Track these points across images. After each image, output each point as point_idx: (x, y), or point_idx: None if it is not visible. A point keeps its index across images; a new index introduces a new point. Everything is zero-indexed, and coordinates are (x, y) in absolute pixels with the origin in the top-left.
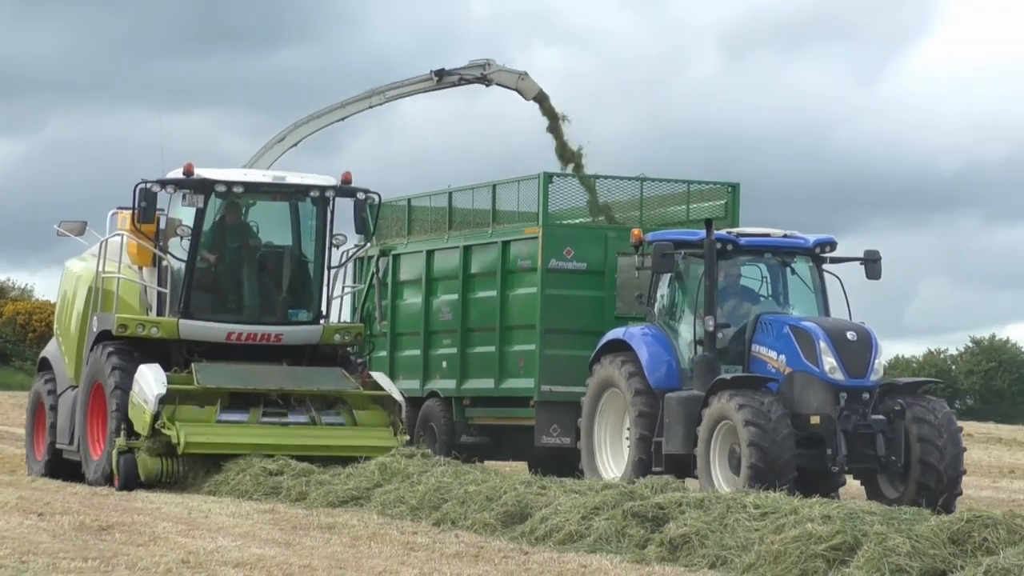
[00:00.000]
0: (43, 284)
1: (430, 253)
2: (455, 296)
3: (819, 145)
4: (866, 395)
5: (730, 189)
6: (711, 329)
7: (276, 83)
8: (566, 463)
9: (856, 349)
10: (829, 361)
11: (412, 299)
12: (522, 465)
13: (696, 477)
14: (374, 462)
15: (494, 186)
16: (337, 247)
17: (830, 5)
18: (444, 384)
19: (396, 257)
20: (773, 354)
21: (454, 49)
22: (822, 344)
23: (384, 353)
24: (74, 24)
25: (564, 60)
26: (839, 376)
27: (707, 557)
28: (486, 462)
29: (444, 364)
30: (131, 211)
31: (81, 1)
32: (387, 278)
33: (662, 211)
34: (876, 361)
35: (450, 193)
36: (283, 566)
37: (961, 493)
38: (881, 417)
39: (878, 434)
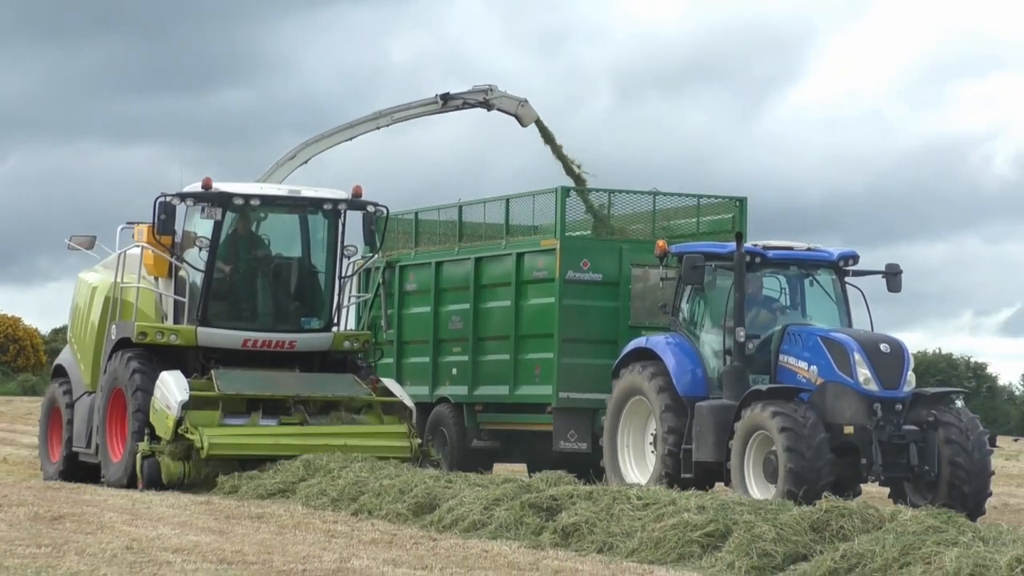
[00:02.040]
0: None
1: (439, 264)
2: (466, 306)
3: (701, 175)
4: (899, 406)
5: (738, 203)
6: (741, 340)
7: (218, 121)
8: (578, 466)
9: (889, 361)
10: (864, 372)
11: (419, 309)
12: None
13: (725, 483)
14: (300, 459)
15: (507, 200)
16: (348, 258)
17: (713, 52)
18: (455, 390)
19: (403, 268)
20: (803, 365)
21: (377, 90)
22: (857, 356)
23: (390, 360)
24: (35, 67)
25: None
26: (873, 387)
27: (595, 543)
28: (495, 465)
29: (454, 371)
30: (149, 224)
31: (42, 47)
32: (392, 288)
33: (674, 223)
34: (908, 373)
35: (460, 207)
36: (217, 551)
37: (991, 494)
38: (914, 427)
39: (911, 444)
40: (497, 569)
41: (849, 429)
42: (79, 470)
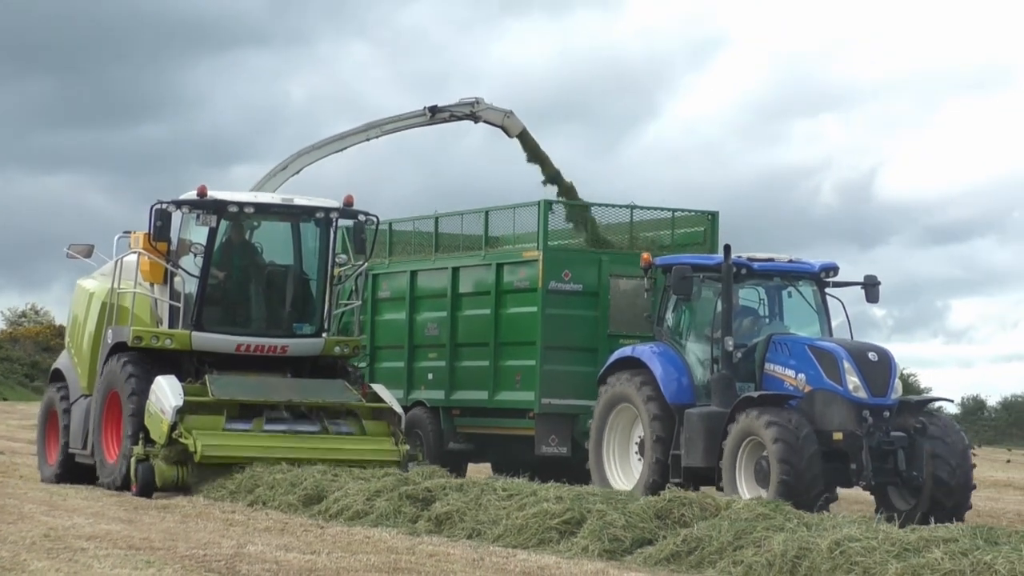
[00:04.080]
0: None
1: (414, 273)
2: (443, 313)
3: None
4: (886, 413)
5: (710, 217)
6: (730, 348)
7: (135, 152)
8: (558, 470)
9: (878, 369)
10: (853, 380)
11: (392, 315)
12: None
13: (715, 487)
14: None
15: (487, 212)
16: (340, 266)
17: (575, 92)
18: (431, 395)
19: (376, 276)
20: (791, 373)
21: (277, 126)
22: (846, 364)
23: (363, 364)
24: None
25: None
26: (863, 394)
27: (465, 530)
28: (470, 466)
29: (430, 376)
30: (146, 231)
31: None
32: (365, 295)
33: (650, 235)
34: (895, 380)
35: (436, 218)
36: (126, 539)
37: (971, 507)
38: (901, 434)
39: (899, 450)
40: (378, 553)
41: (838, 435)
42: (76, 472)
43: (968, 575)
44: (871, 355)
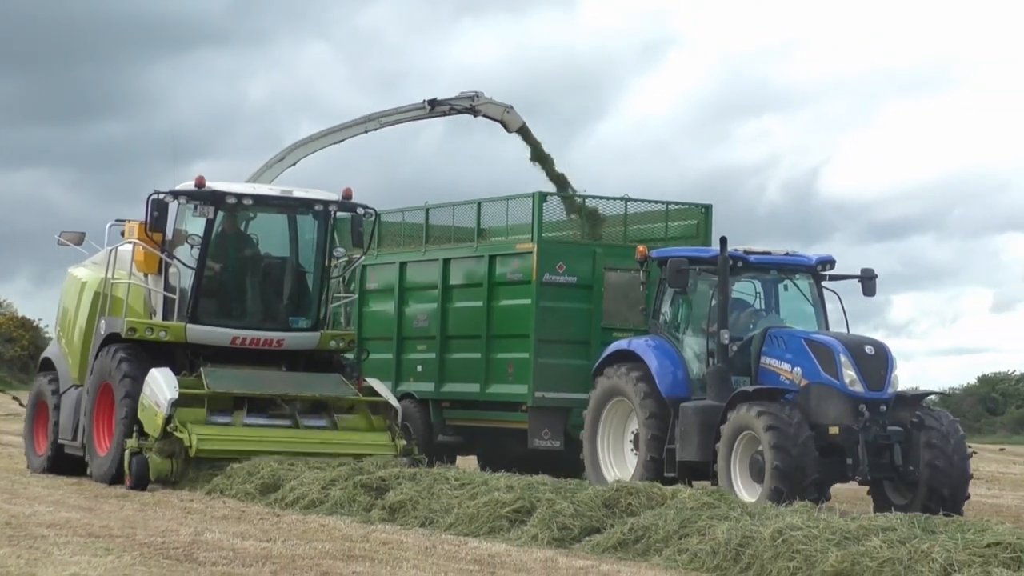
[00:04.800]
0: None
1: (403, 264)
2: (433, 305)
3: None
4: (883, 407)
5: (703, 210)
6: (726, 342)
7: (97, 149)
8: (549, 463)
9: (874, 363)
10: (849, 374)
11: (380, 307)
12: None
13: (710, 481)
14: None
15: (479, 203)
16: (338, 259)
17: (529, 91)
18: (421, 387)
19: (363, 267)
20: (786, 366)
21: (236, 125)
22: (843, 358)
23: (350, 355)
24: None
25: None
26: (859, 388)
27: (418, 518)
28: (458, 458)
29: (419, 368)
30: (140, 221)
31: None
32: (352, 286)
33: (644, 227)
34: (893, 374)
35: (427, 210)
36: (86, 526)
37: (969, 497)
38: (898, 428)
39: (896, 444)
40: (332, 541)
41: (834, 429)
42: (65, 463)
43: (905, 563)
44: (868, 349)
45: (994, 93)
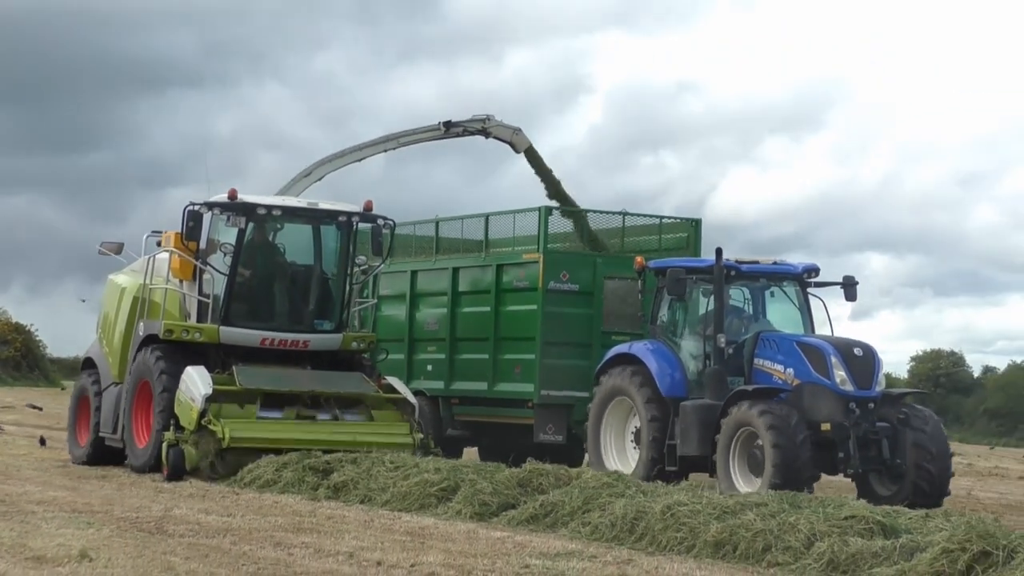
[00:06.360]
0: None
1: (415, 273)
2: (443, 310)
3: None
4: (871, 404)
5: (693, 224)
6: (722, 345)
7: (83, 176)
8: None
9: (863, 363)
10: (840, 374)
11: (392, 311)
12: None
13: (710, 475)
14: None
15: (487, 216)
16: (359, 266)
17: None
18: (431, 384)
19: (376, 276)
20: (779, 367)
21: (206, 154)
22: (834, 359)
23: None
24: None
25: (281, 163)
26: (849, 387)
27: (358, 496)
28: (465, 450)
29: (429, 367)
30: (177, 231)
31: None
32: (364, 292)
33: (640, 239)
34: (880, 374)
35: (437, 222)
36: (71, 503)
37: (950, 493)
38: (885, 424)
39: (884, 439)
40: (284, 516)
41: (826, 426)
42: (105, 454)
43: (776, 533)
44: (856, 350)
45: (856, 130)
